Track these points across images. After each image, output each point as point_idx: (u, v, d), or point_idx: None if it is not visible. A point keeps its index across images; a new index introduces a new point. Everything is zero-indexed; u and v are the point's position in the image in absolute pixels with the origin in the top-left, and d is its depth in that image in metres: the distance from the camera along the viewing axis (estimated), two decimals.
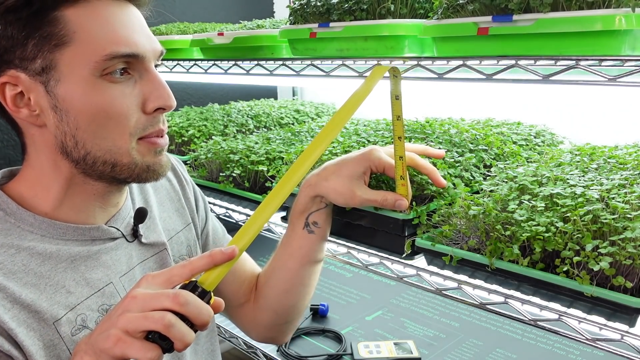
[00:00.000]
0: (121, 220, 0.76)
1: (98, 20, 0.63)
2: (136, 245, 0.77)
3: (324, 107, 1.88)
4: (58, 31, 0.62)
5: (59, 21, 0.62)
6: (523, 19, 0.74)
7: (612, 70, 0.69)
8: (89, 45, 0.62)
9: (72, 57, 0.62)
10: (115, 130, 0.65)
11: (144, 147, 0.68)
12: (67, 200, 0.69)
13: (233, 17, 2.03)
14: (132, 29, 0.66)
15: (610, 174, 0.86)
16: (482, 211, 0.82)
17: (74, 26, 0.62)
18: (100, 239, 0.72)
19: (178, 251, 0.85)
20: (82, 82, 0.63)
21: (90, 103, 0.63)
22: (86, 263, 0.70)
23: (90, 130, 0.64)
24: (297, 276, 0.87)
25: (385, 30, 0.94)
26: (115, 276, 0.72)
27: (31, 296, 0.63)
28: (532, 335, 1.21)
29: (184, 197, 0.91)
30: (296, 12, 1.10)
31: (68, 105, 0.63)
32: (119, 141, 0.66)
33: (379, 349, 1.15)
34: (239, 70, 1.29)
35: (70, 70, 0.63)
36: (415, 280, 0.92)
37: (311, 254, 0.85)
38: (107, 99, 0.64)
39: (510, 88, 0.94)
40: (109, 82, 0.64)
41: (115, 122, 0.65)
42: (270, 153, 1.28)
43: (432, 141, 1.13)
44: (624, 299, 0.67)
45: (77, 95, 0.63)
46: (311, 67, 1.09)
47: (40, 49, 0.62)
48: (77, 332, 0.66)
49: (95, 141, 0.65)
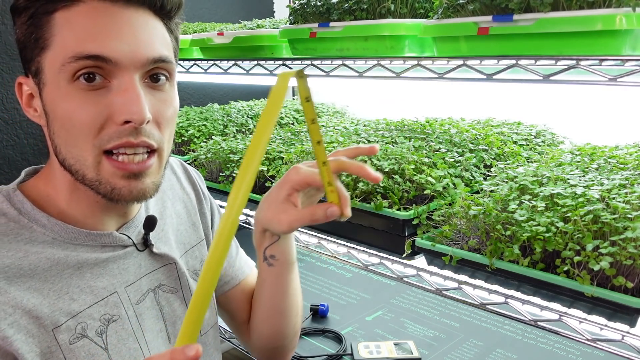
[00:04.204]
0: (133, 228, 0.74)
1: (77, 22, 0.61)
2: (146, 255, 0.75)
3: (324, 107, 1.87)
4: (45, 34, 0.62)
5: (48, 25, 0.62)
6: (523, 18, 0.74)
7: (613, 70, 0.68)
8: (61, 46, 0.61)
9: (51, 61, 0.62)
10: (79, 137, 0.62)
11: (110, 166, 0.64)
12: (74, 204, 0.69)
13: (233, 17, 2.03)
14: (113, 31, 0.61)
15: (611, 174, 0.85)
16: (483, 211, 0.82)
17: (56, 29, 0.61)
18: (110, 246, 0.71)
19: (192, 266, 0.84)
20: (57, 86, 0.62)
21: (61, 108, 0.62)
22: (92, 270, 0.69)
23: (62, 137, 0.63)
24: (272, 306, 0.83)
25: (386, 30, 0.94)
26: (120, 286, 0.71)
27: (33, 301, 0.63)
28: (533, 336, 1.21)
29: (199, 212, 0.89)
30: (296, 11, 1.10)
31: (49, 109, 0.64)
32: (84, 151, 0.63)
33: (379, 349, 1.15)
34: (238, 70, 1.29)
35: (50, 74, 0.62)
36: (415, 280, 0.92)
37: (278, 285, 0.81)
38: (73, 105, 0.61)
39: (511, 88, 0.94)
40: (79, 89, 0.61)
41: (78, 130, 0.62)
42: (270, 153, 1.28)
43: (432, 141, 1.13)
44: (625, 299, 0.67)
45: (52, 98, 0.63)
46: (311, 67, 1.09)
47: (33, 52, 0.63)
48: (75, 341, 0.65)
49: (68, 148, 0.64)
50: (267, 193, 0.72)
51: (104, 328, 0.68)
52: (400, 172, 0.98)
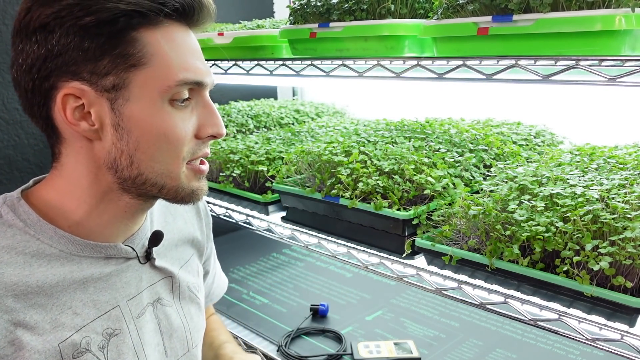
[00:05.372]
0: (138, 240, 0.75)
1: (173, 45, 0.64)
2: (147, 268, 0.76)
3: (324, 107, 1.88)
4: (137, 52, 0.62)
5: (138, 42, 0.62)
6: (523, 19, 0.74)
7: (612, 70, 0.69)
8: (163, 69, 0.63)
9: (146, 79, 0.63)
10: (171, 154, 0.66)
11: (190, 173, 0.69)
12: (95, 215, 0.68)
13: (233, 17, 2.03)
14: (198, 57, 0.68)
15: (610, 174, 0.86)
16: (482, 211, 0.82)
17: (152, 49, 0.63)
18: (114, 258, 0.71)
19: (187, 280, 0.85)
20: (150, 104, 0.64)
21: (155, 126, 0.64)
22: (96, 284, 0.69)
23: (149, 153, 0.65)
24: None
25: (386, 30, 0.94)
26: (122, 299, 0.71)
27: (36, 318, 0.63)
28: (532, 335, 1.21)
29: (206, 230, 0.94)
30: (296, 12, 1.10)
31: (132, 125, 0.64)
32: (171, 165, 0.67)
33: (379, 349, 1.15)
34: (239, 70, 1.29)
35: (141, 91, 0.63)
36: (415, 280, 0.92)
37: None
38: (170, 123, 0.65)
39: (510, 88, 0.94)
40: (173, 108, 0.65)
41: (173, 147, 0.66)
42: (270, 153, 1.28)
43: (432, 141, 1.13)
44: (624, 299, 0.67)
45: (143, 116, 0.64)
46: (311, 67, 1.09)
47: (115, 67, 0.62)
48: (79, 356, 0.65)
49: (150, 164, 0.66)
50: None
51: (106, 342, 0.68)
52: (400, 172, 0.98)
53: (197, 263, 0.90)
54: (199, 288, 0.87)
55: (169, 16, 0.64)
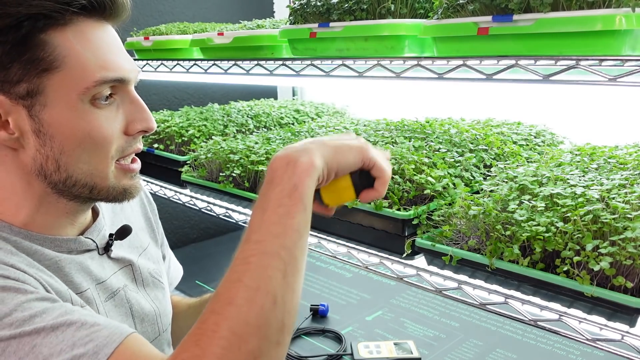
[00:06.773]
0: (97, 232, 0.76)
1: (87, 44, 0.62)
2: (105, 258, 0.77)
3: (324, 107, 1.87)
4: (47, 55, 0.60)
5: (47, 45, 0.60)
6: (523, 18, 0.74)
7: (613, 70, 0.68)
8: (79, 70, 0.61)
9: (61, 83, 0.61)
10: (98, 154, 0.65)
11: (119, 172, 0.69)
12: (38, 218, 0.68)
13: (233, 17, 2.03)
14: (117, 53, 0.65)
15: (611, 174, 0.85)
16: (482, 211, 0.82)
17: (64, 50, 0.61)
18: (75, 251, 0.72)
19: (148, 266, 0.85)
20: (70, 107, 0.62)
21: (78, 128, 0.63)
22: (70, 266, 0.70)
23: (75, 155, 0.64)
24: None
25: (386, 30, 0.94)
26: (92, 283, 0.72)
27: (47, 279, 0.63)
28: (532, 336, 1.21)
29: (152, 216, 0.95)
30: (296, 12, 1.10)
31: (54, 130, 0.62)
32: (100, 165, 0.66)
33: (379, 349, 1.15)
34: (239, 70, 1.29)
35: (58, 95, 0.61)
36: (415, 280, 0.92)
37: None
38: (94, 124, 0.63)
39: (510, 88, 0.94)
40: (95, 107, 0.63)
41: (100, 146, 0.65)
42: (270, 153, 1.27)
43: (432, 141, 1.13)
44: (624, 299, 0.67)
45: (64, 120, 0.62)
46: (311, 67, 1.09)
47: (27, 73, 0.60)
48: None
49: (78, 165, 0.65)
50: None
51: None
52: (400, 172, 0.98)
53: (156, 250, 0.92)
54: (161, 273, 0.88)
55: (78, 14, 0.61)
